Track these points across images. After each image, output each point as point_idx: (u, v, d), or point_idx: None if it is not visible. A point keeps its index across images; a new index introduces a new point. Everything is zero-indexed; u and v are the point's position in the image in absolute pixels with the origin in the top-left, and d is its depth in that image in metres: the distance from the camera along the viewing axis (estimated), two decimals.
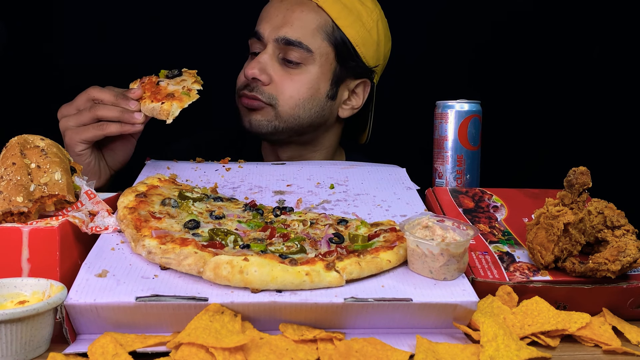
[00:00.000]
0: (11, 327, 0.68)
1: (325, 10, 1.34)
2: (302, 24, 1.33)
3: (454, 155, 1.21)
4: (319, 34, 1.34)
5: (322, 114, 1.39)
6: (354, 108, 1.45)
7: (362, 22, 1.37)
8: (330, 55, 1.35)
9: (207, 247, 0.81)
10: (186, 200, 0.97)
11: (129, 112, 1.09)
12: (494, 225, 0.99)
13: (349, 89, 1.43)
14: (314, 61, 1.34)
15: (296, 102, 1.34)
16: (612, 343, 0.77)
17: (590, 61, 2.15)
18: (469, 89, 1.84)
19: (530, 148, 2.15)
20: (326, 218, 0.96)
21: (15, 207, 0.83)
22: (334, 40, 1.35)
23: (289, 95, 1.33)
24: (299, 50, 1.32)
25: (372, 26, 1.39)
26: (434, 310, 0.77)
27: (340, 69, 1.38)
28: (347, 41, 1.36)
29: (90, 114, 1.09)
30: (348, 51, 1.37)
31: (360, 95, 1.45)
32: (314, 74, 1.34)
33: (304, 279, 0.76)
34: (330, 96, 1.38)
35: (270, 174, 1.16)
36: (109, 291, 0.74)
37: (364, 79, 1.43)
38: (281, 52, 1.33)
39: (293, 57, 1.32)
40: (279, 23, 1.33)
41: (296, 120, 1.35)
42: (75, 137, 1.10)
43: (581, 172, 0.88)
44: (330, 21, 1.35)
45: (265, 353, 0.69)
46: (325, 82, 1.36)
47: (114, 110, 1.09)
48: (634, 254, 0.83)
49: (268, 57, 1.33)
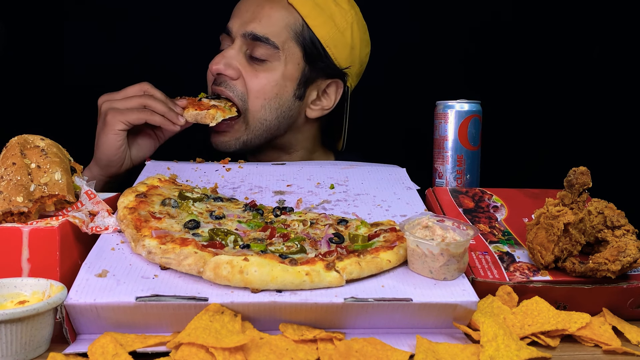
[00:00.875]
0: (11, 327, 0.68)
1: (296, 9, 1.33)
2: (270, 21, 1.31)
3: (454, 155, 1.21)
4: (287, 32, 1.32)
5: (289, 114, 1.36)
6: (324, 109, 1.41)
7: (334, 22, 1.35)
8: (298, 55, 1.33)
9: (207, 247, 0.81)
10: (186, 200, 0.97)
11: (173, 112, 1.22)
12: (494, 225, 0.99)
13: (319, 89, 1.40)
14: (279, 59, 1.32)
15: (262, 102, 1.32)
16: (612, 343, 0.77)
17: (590, 61, 2.15)
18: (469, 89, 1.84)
19: (530, 148, 2.15)
20: (326, 218, 0.96)
21: (15, 207, 0.83)
22: (302, 39, 1.33)
23: (255, 95, 1.31)
24: (266, 47, 1.30)
25: (345, 27, 1.36)
26: (434, 310, 0.77)
27: (309, 69, 1.35)
28: (317, 41, 1.34)
29: (140, 100, 1.20)
30: (317, 51, 1.34)
31: (332, 96, 1.41)
32: (280, 72, 1.32)
33: (304, 279, 0.76)
34: (297, 96, 1.36)
35: (270, 174, 1.16)
36: (109, 291, 0.74)
37: (336, 80, 1.40)
38: (248, 48, 1.32)
39: (259, 54, 1.31)
40: (247, 18, 1.32)
41: (263, 124, 1.34)
42: (120, 117, 1.18)
43: (581, 172, 0.88)
44: (301, 20, 1.33)
45: (265, 353, 0.69)
46: (291, 81, 1.34)
47: (162, 105, 1.21)
48: (634, 254, 0.83)
49: (234, 52, 1.32)
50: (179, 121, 1.22)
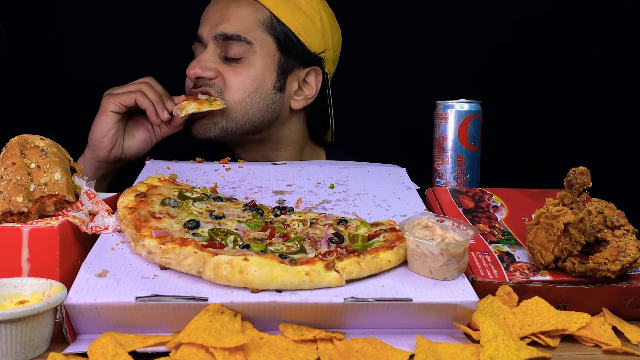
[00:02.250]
0: (11, 327, 0.68)
1: (262, 3, 1.35)
2: (238, 19, 1.33)
3: (454, 155, 1.21)
4: (258, 26, 1.34)
5: (272, 108, 1.37)
6: (308, 98, 1.43)
7: (302, 10, 1.37)
8: (272, 47, 1.35)
9: (207, 247, 0.81)
10: (186, 200, 0.97)
11: (162, 104, 1.26)
12: (494, 225, 0.99)
13: (299, 79, 1.41)
14: (255, 53, 1.33)
15: (242, 96, 1.33)
16: (612, 343, 0.77)
17: (589, 61, 2.15)
18: (469, 89, 1.84)
19: (530, 148, 2.15)
20: (326, 218, 0.96)
21: (15, 207, 0.83)
22: (274, 31, 1.35)
23: (234, 89, 1.33)
24: (239, 44, 1.32)
25: (313, 14, 1.38)
26: (434, 310, 0.77)
27: (286, 59, 1.37)
28: (288, 30, 1.35)
29: (136, 85, 1.26)
30: (290, 40, 1.36)
31: (313, 84, 1.42)
32: (258, 66, 1.34)
33: (303, 279, 0.76)
34: (278, 88, 1.37)
35: (270, 174, 1.16)
36: (109, 291, 0.74)
37: (314, 67, 1.41)
38: (222, 49, 1.33)
39: (234, 53, 1.32)
40: (216, 21, 1.34)
41: (245, 117, 1.35)
42: (113, 99, 1.24)
43: (581, 172, 0.88)
44: (268, 13, 1.35)
45: (265, 353, 0.69)
46: (270, 74, 1.35)
47: (155, 94, 1.25)
48: (634, 254, 0.83)
49: (209, 56, 1.34)
50: (163, 115, 1.25)
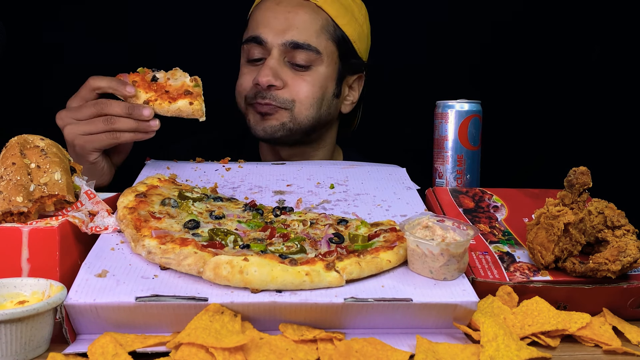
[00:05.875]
0: (11, 327, 0.68)
1: (325, 10, 1.36)
2: (306, 26, 1.33)
3: (454, 155, 1.21)
4: (323, 34, 1.35)
5: (329, 112, 1.41)
6: (353, 103, 1.49)
7: (355, 18, 1.40)
8: (335, 54, 1.38)
9: (207, 247, 0.81)
10: (186, 200, 0.97)
11: (144, 123, 1.08)
12: (494, 225, 0.99)
13: (348, 84, 1.46)
14: (322, 62, 1.35)
15: (311, 102, 1.35)
16: (612, 343, 0.77)
17: (589, 61, 2.15)
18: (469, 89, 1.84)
19: (530, 148, 2.15)
20: (326, 218, 0.96)
21: (15, 207, 0.83)
22: (337, 38, 1.37)
23: (304, 97, 1.34)
24: (307, 53, 1.33)
25: (363, 21, 1.43)
26: (434, 310, 0.77)
27: (342, 67, 1.40)
28: (347, 38, 1.38)
29: (104, 126, 1.07)
30: (348, 48, 1.39)
31: (357, 89, 1.48)
32: (323, 74, 1.36)
33: (304, 279, 0.76)
34: (336, 94, 1.41)
35: (270, 174, 1.16)
36: (108, 291, 0.74)
37: (360, 74, 1.46)
38: (287, 55, 1.34)
39: (301, 60, 1.33)
40: (282, 27, 1.33)
41: (310, 121, 1.37)
42: (89, 146, 1.09)
43: (581, 172, 0.88)
44: (331, 20, 1.36)
45: (265, 353, 0.69)
46: (332, 81, 1.39)
47: (129, 122, 1.07)
48: (634, 254, 0.83)
49: (276, 62, 1.33)
50: (152, 127, 1.09)
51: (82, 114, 1.08)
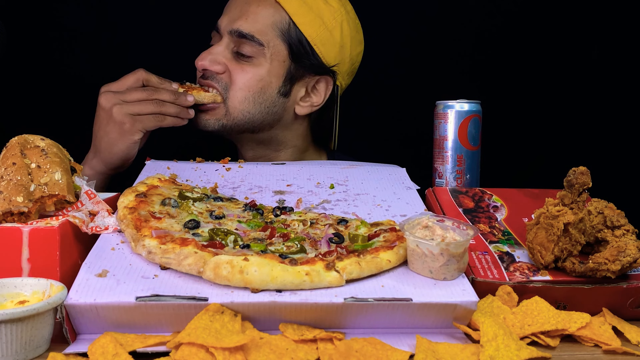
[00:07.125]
0: (11, 327, 0.68)
1: (283, 7, 1.34)
2: (257, 18, 1.33)
3: (454, 155, 1.21)
4: (273, 30, 1.34)
5: (273, 110, 1.37)
6: (314, 105, 1.42)
7: (322, 20, 1.35)
8: (283, 53, 1.35)
9: (207, 247, 0.81)
10: (186, 200, 0.97)
11: (185, 109, 1.28)
12: (494, 225, 0.99)
13: (308, 86, 1.41)
14: (265, 56, 1.33)
15: (245, 95, 1.34)
16: (612, 343, 0.77)
17: (589, 61, 2.15)
18: (469, 89, 1.84)
19: (530, 148, 2.15)
20: (326, 218, 0.96)
21: (15, 207, 0.83)
22: (289, 38, 1.34)
23: (239, 87, 1.34)
24: (251, 44, 1.32)
25: (334, 26, 1.36)
26: (433, 310, 0.77)
27: (295, 67, 1.36)
28: (304, 39, 1.35)
29: (153, 107, 1.24)
30: (304, 49, 1.35)
31: (322, 92, 1.41)
32: (265, 69, 1.34)
33: (304, 279, 0.76)
34: (282, 93, 1.37)
35: (270, 174, 1.16)
36: (109, 291, 0.74)
37: (325, 76, 1.40)
38: (235, 45, 1.34)
39: (245, 51, 1.33)
40: (235, 16, 1.34)
41: (245, 116, 1.35)
42: (138, 125, 1.23)
43: (581, 172, 0.88)
44: (287, 18, 1.34)
45: (265, 353, 0.69)
46: (276, 79, 1.35)
47: (174, 107, 1.27)
48: (634, 254, 0.83)
49: (221, 49, 1.35)
50: (190, 115, 1.30)
51: (132, 97, 1.24)
